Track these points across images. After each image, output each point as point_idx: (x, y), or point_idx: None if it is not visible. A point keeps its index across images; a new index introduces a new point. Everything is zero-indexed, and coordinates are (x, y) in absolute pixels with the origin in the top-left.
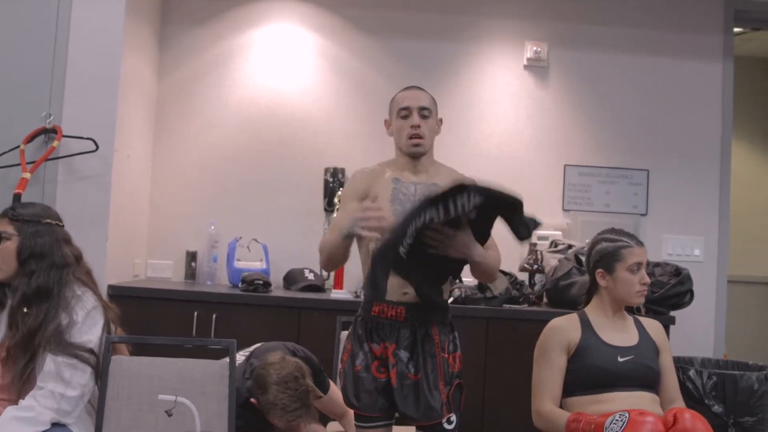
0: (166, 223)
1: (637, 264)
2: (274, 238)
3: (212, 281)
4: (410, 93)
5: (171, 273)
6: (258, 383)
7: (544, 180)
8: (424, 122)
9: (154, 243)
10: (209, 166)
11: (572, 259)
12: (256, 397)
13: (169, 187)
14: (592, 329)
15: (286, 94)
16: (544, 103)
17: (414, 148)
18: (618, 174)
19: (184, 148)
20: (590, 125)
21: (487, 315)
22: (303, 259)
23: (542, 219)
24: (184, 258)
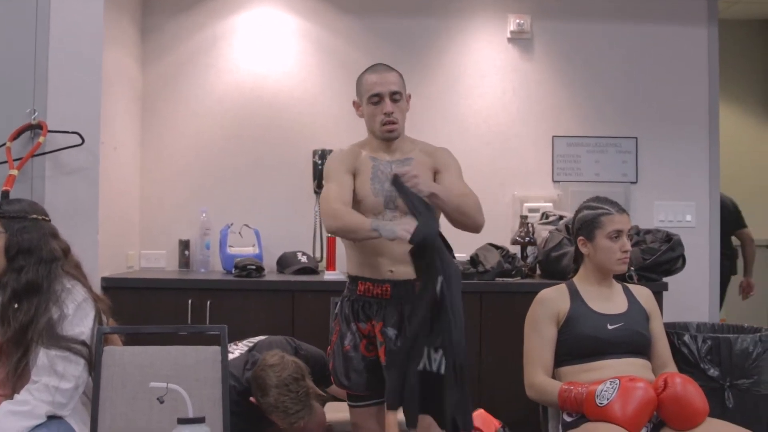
0: (158, 213)
1: (616, 231)
2: (266, 222)
3: (206, 268)
4: (379, 77)
5: (165, 262)
6: (258, 385)
7: (532, 152)
8: (396, 106)
9: (147, 233)
10: (198, 154)
11: (563, 230)
12: (257, 398)
13: (159, 177)
14: (580, 298)
15: (271, 78)
16: (529, 75)
17: (388, 134)
18: (606, 143)
19: (172, 138)
20: (577, 95)
21: (481, 289)
22: (295, 242)
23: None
24: (177, 247)
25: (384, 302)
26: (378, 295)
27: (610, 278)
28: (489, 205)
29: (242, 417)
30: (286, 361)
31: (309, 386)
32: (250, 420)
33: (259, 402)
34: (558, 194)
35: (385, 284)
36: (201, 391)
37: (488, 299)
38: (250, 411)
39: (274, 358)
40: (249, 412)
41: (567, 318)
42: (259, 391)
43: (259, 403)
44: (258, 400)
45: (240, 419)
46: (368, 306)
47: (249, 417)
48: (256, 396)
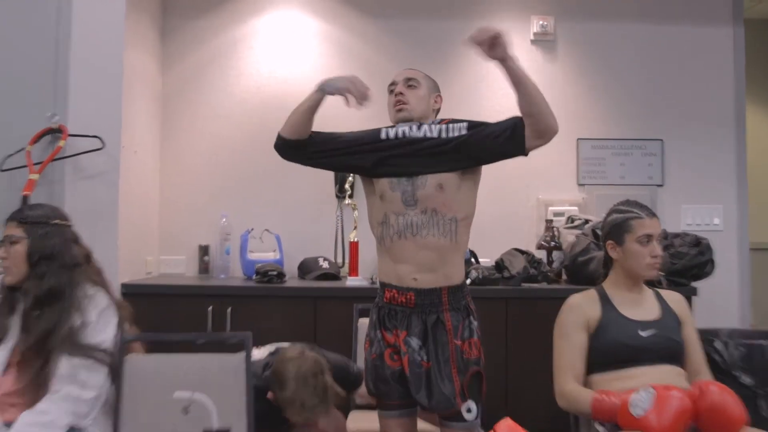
0: (177, 217)
1: (646, 236)
2: (287, 227)
3: (226, 274)
4: (400, 71)
5: (184, 268)
6: (277, 377)
7: (557, 155)
8: (410, 90)
9: (166, 238)
10: (218, 158)
11: (589, 234)
12: (274, 392)
13: (179, 181)
14: (611, 304)
15: (292, 81)
16: (553, 77)
17: (398, 113)
18: (632, 145)
19: (191, 141)
20: (601, 97)
21: (506, 295)
22: (316, 247)
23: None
24: (197, 252)
25: (408, 311)
26: (402, 303)
27: (641, 283)
28: (513, 208)
29: (259, 417)
30: (307, 355)
31: (328, 382)
32: (265, 421)
33: (277, 397)
34: (583, 198)
35: (409, 292)
36: (225, 400)
37: (514, 305)
38: (268, 411)
39: (294, 352)
40: (266, 412)
41: (598, 324)
42: (277, 384)
43: (276, 398)
44: (276, 394)
45: (257, 420)
46: (393, 314)
47: (265, 417)
48: (274, 390)
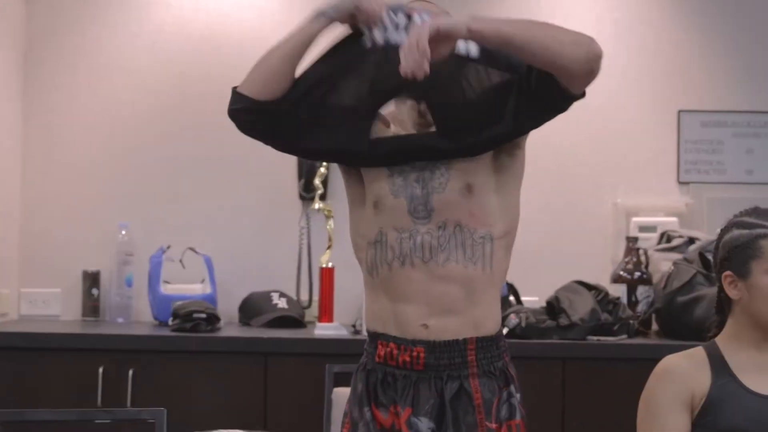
0: (49, 230)
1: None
2: (222, 245)
3: (126, 318)
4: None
5: (59, 308)
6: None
7: (646, 137)
8: None
9: (30, 263)
10: (113, 138)
11: (695, 260)
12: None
13: (52, 173)
14: (728, 371)
15: (235, 19)
16: (643, 14)
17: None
18: (766, 122)
19: (72, 111)
20: (718, 48)
21: (564, 353)
22: (268, 277)
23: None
24: (80, 284)
25: (414, 376)
26: (405, 365)
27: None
28: (576, 220)
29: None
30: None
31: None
32: None
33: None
34: (687, 203)
35: (417, 347)
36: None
37: (575, 368)
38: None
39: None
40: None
41: (707, 401)
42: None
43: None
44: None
45: None
46: (391, 381)
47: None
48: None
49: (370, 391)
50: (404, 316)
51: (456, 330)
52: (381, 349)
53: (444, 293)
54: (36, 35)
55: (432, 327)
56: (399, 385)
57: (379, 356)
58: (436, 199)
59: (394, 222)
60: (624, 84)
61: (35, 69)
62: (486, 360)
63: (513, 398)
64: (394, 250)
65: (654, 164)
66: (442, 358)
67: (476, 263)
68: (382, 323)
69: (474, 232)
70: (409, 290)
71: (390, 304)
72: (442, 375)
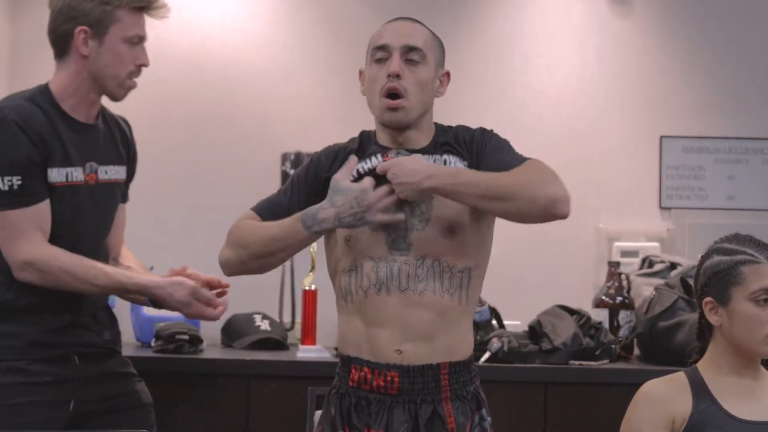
0: None
1: (765, 291)
2: (205, 267)
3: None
4: (394, 25)
5: None
6: None
7: (629, 162)
8: (411, 70)
9: None
10: None
11: (677, 286)
12: None
13: None
14: (709, 396)
15: (218, 42)
16: (625, 39)
17: (390, 113)
18: (747, 148)
19: None
20: (700, 73)
21: (546, 377)
22: (251, 299)
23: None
24: None
25: (388, 400)
26: (379, 389)
27: (757, 365)
28: (558, 244)
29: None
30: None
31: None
32: None
33: None
34: (668, 229)
35: (391, 372)
36: None
37: (557, 393)
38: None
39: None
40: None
41: (689, 426)
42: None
43: None
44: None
45: None
46: (365, 405)
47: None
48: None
49: (344, 414)
50: (379, 341)
51: (429, 355)
52: (355, 374)
53: (419, 320)
54: (21, 53)
55: (406, 353)
56: (373, 409)
57: (353, 380)
58: (416, 236)
59: (369, 252)
60: (606, 109)
61: (20, 87)
62: (458, 384)
63: (485, 422)
64: (370, 278)
65: (636, 189)
66: (416, 382)
67: (453, 294)
68: (355, 347)
69: (453, 266)
70: (384, 316)
71: (364, 329)
72: (416, 399)
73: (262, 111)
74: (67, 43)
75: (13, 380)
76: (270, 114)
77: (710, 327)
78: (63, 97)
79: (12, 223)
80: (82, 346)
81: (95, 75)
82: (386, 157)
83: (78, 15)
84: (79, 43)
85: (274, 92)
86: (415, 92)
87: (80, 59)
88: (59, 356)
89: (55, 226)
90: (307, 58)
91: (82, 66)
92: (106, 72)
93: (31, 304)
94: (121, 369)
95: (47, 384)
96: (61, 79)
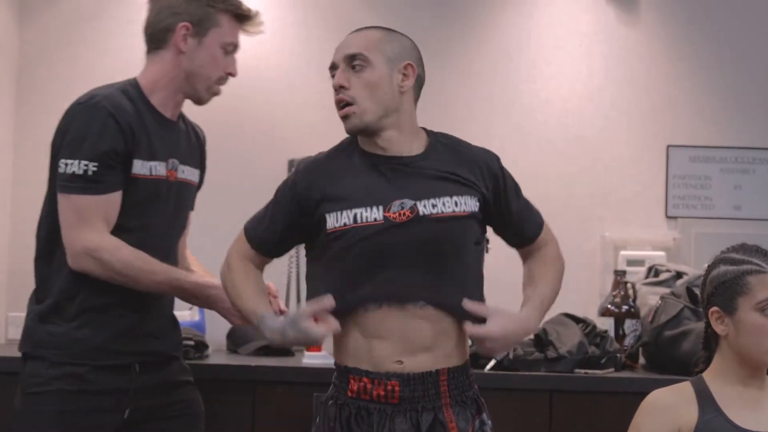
0: None
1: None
2: (212, 271)
3: None
4: (341, 43)
5: None
6: None
7: (635, 171)
8: (357, 76)
9: (19, 284)
10: None
11: (683, 295)
12: None
13: (42, 197)
14: (715, 406)
15: None
16: (632, 48)
17: (345, 122)
18: (754, 158)
19: None
20: (708, 83)
21: (551, 385)
22: None
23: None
24: None
25: (390, 409)
26: (380, 399)
27: (763, 374)
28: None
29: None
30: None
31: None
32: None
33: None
34: (674, 238)
35: (392, 381)
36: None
37: (562, 401)
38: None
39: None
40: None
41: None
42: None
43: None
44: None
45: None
46: (365, 415)
47: None
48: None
49: (344, 424)
50: (379, 353)
51: (429, 363)
52: (353, 384)
53: (419, 332)
54: (28, 59)
55: (407, 363)
56: (374, 419)
57: (352, 390)
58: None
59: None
60: (613, 118)
61: (27, 93)
62: (458, 390)
63: (486, 425)
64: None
65: (642, 198)
66: (416, 390)
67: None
68: (354, 358)
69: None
70: (383, 329)
71: (364, 341)
72: (417, 407)
73: (269, 117)
74: (166, 37)
75: (71, 387)
76: (277, 120)
77: (716, 337)
78: (152, 90)
79: (79, 208)
80: (145, 354)
81: (188, 73)
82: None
83: (183, 12)
84: (179, 39)
85: (281, 99)
86: (364, 96)
87: (177, 54)
88: (120, 365)
89: (131, 218)
90: (314, 65)
91: (178, 62)
92: (201, 71)
93: (99, 306)
94: (180, 377)
95: (105, 393)
96: (152, 73)
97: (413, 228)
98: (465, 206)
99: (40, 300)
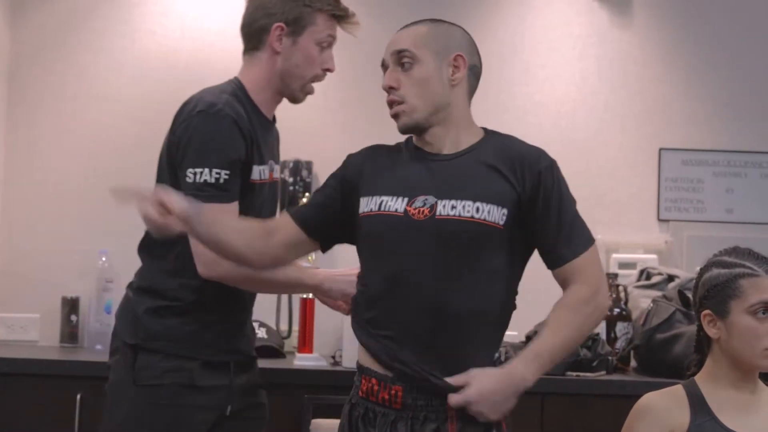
0: (29, 254)
1: (764, 304)
2: None
3: (104, 345)
4: (392, 38)
5: (37, 334)
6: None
7: (627, 174)
8: (406, 74)
9: (9, 288)
10: (97, 165)
11: (675, 298)
12: None
13: (33, 198)
14: (707, 410)
15: (219, 49)
16: (626, 51)
17: (396, 120)
18: (746, 161)
19: (54, 137)
20: (700, 86)
21: (542, 388)
22: None
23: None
24: (59, 309)
25: (392, 414)
26: (384, 402)
27: (755, 378)
28: None
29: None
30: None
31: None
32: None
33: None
34: (666, 241)
35: (395, 386)
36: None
37: (554, 404)
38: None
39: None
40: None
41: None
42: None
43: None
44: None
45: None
46: (372, 417)
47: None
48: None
49: (353, 424)
50: (383, 351)
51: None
52: (364, 384)
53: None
54: (20, 60)
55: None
56: (379, 422)
57: (362, 391)
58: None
59: None
60: (606, 121)
61: (19, 94)
62: None
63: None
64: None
65: (634, 201)
66: (419, 398)
67: None
68: (366, 356)
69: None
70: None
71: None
72: (419, 415)
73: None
74: (262, 38)
75: (183, 381)
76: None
77: (708, 340)
78: (255, 91)
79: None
80: (239, 353)
81: (283, 73)
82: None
83: (278, 12)
84: (274, 39)
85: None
86: (414, 93)
87: (272, 55)
88: (221, 362)
89: None
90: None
91: (274, 62)
92: (296, 71)
93: (211, 303)
94: (259, 380)
95: (212, 389)
96: (253, 74)
97: (429, 228)
98: (487, 215)
99: (153, 294)
